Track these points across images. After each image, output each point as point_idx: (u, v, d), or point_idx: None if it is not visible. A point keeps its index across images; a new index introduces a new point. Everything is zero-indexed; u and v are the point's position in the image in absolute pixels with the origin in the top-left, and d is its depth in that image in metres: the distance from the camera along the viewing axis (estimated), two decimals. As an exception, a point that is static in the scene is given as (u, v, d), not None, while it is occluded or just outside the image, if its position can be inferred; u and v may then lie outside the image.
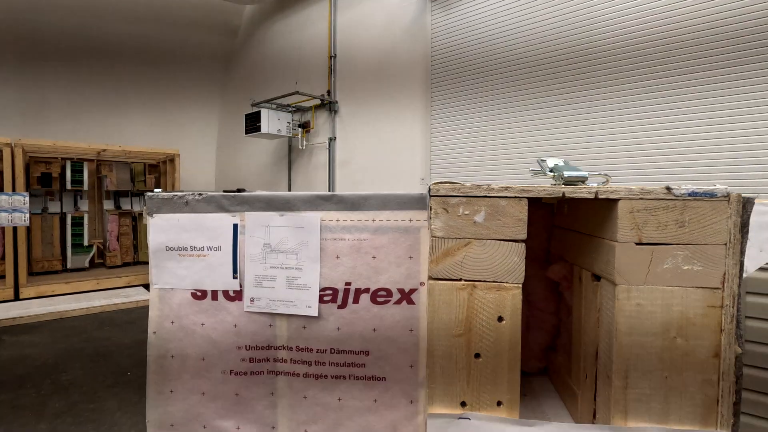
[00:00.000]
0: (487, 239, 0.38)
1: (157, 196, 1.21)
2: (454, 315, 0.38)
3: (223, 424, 1.22)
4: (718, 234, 0.35)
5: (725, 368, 0.36)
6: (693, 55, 3.46)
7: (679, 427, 0.38)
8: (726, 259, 0.35)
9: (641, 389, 0.37)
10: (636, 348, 0.37)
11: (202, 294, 1.20)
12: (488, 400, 0.39)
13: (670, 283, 0.36)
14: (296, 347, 1.18)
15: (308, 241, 1.15)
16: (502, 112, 4.64)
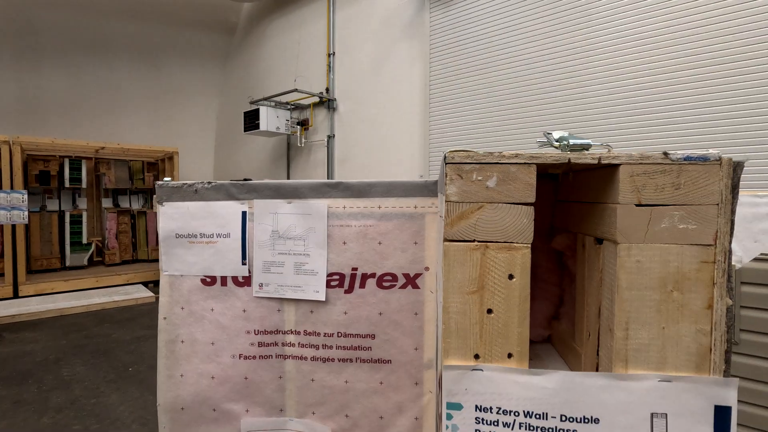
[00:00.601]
0: (498, 203, 0.41)
1: (167, 184, 1.24)
2: (468, 274, 0.41)
3: (232, 407, 1.24)
4: (710, 195, 0.39)
5: (717, 319, 0.39)
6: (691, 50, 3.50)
7: (675, 373, 0.41)
8: (718, 218, 0.39)
9: (640, 339, 0.41)
10: (636, 302, 0.40)
11: (212, 280, 1.23)
12: (499, 353, 0.42)
13: (667, 241, 0.39)
14: (304, 331, 1.21)
15: (315, 227, 1.18)
16: (501, 110, 4.68)
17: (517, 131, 4.53)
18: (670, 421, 0.43)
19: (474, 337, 0.43)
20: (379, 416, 1.20)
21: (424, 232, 1.14)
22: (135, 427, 2.98)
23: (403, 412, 1.19)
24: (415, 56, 5.36)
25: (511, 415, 0.45)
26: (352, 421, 1.21)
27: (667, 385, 0.43)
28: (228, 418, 1.25)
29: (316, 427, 1.22)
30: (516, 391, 0.44)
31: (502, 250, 0.42)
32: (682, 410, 0.43)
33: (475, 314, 0.43)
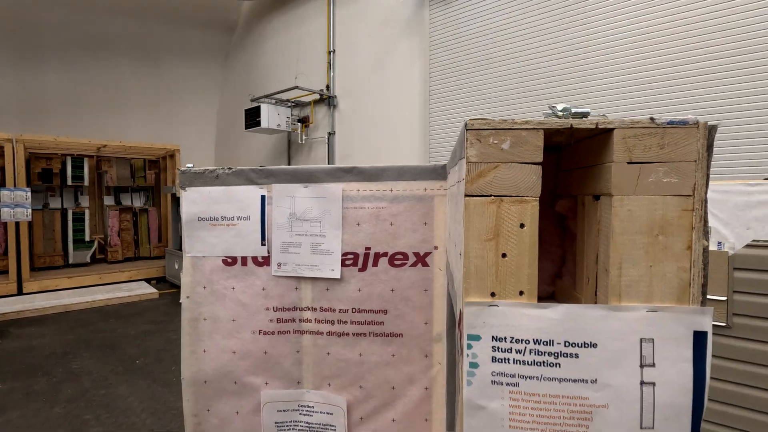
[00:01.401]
0: (511, 162, 0.48)
1: (190, 170, 1.31)
2: (485, 224, 0.48)
3: (252, 380, 1.32)
4: (689, 153, 0.46)
5: (695, 258, 0.47)
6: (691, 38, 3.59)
7: (660, 304, 0.48)
8: (696, 172, 0.46)
9: (631, 276, 0.48)
10: (627, 245, 0.48)
11: (233, 260, 1.30)
12: (512, 291, 0.50)
13: (654, 193, 0.47)
14: (320, 308, 1.29)
15: (331, 209, 1.25)
16: (501, 105, 4.75)
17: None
18: (656, 344, 0.51)
19: (490, 277, 0.51)
20: (391, 387, 1.28)
21: (433, 213, 1.22)
22: (144, 416, 3.05)
23: (414, 382, 1.27)
24: (415, 53, 5.43)
25: (522, 343, 0.52)
26: (366, 392, 1.29)
27: (654, 315, 0.51)
28: (248, 391, 1.32)
29: (332, 398, 1.30)
30: (526, 323, 0.52)
31: (515, 203, 0.49)
32: (666, 335, 0.51)
33: (491, 258, 0.50)
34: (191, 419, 1.35)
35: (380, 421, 1.29)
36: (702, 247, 0.47)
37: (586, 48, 4.10)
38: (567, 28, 4.22)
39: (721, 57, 3.41)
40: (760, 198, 2.13)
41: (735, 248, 2.21)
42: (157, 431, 2.85)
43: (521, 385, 0.51)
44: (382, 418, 1.28)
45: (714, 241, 2.32)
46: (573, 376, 0.50)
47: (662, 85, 3.72)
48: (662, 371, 0.49)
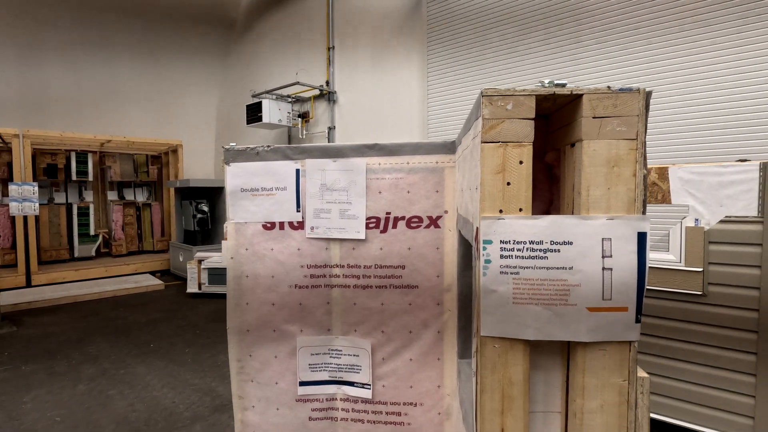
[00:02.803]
0: (513, 118, 0.69)
1: (233, 148, 1.52)
2: (495, 162, 0.69)
3: (289, 327, 1.54)
4: (634, 110, 0.67)
5: (638, 181, 0.68)
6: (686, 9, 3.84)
7: (615, 214, 0.70)
8: (638, 123, 0.67)
9: (595, 196, 0.69)
10: (593, 174, 0.69)
11: (271, 225, 1.52)
12: (514, 208, 0.71)
13: (610, 137, 0.68)
14: (347, 265, 1.51)
15: (356, 180, 1.47)
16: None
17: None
18: (613, 242, 0.73)
19: (499, 199, 0.72)
20: (408, 331, 1.50)
21: (444, 182, 1.45)
22: (165, 390, 3.25)
23: (428, 327, 1.50)
24: (414, 48, 5.65)
25: (521, 243, 0.75)
26: (387, 336, 1.51)
27: (611, 222, 0.73)
28: (285, 337, 1.54)
29: (358, 342, 1.52)
30: (523, 230, 0.74)
31: (516, 146, 0.71)
32: (619, 235, 0.73)
33: (499, 186, 0.72)
34: (235, 363, 1.56)
35: (399, 361, 1.51)
36: (643, 174, 0.70)
37: (580, 44, 4.35)
38: (562, 24, 4.46)
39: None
40: (732, 178, 2.37)
41: (710, 224, 2.44)
42: (179, 403, 3.06)
43: (521, 273, 0.73)
44: (401, 358, 1.51)
45: (691, 218, 2.56)
46: (556, 265, 0.72)
47: (643, 65, 3.97)
48: (617, 260, 0.71)
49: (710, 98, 3.63)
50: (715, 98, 3.61)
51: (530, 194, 0.73)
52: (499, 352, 0.76)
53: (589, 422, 0.75)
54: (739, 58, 3.51)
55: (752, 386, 2.30)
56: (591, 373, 0.74)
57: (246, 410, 1.57)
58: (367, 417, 1.53)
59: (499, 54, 4.89)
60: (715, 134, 3.63)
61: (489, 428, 0.77)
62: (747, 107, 3.49)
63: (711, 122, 3.63)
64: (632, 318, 0.72)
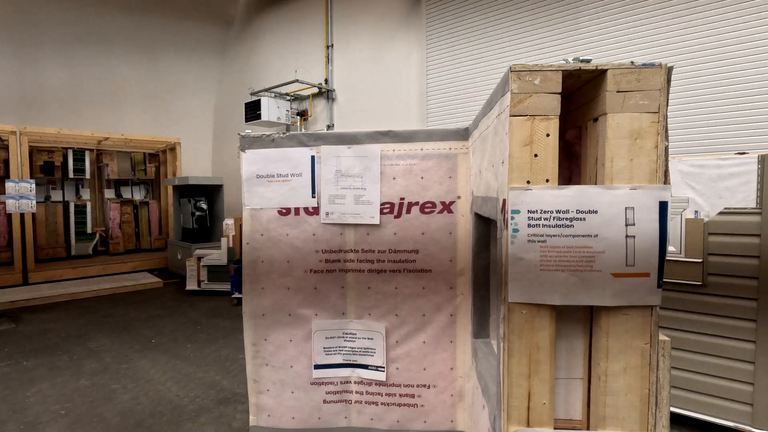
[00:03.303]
0: (540, 93, 0.72)
1: (249, 135, 1.54)
2: (523, 134, 0.72)
3: (304, 311, 1.56)
4: (656, 84, 0.70)
5: (660, 153, 0.72)
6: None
7: (638, 184, 0.74)
8: (660, 97, 0.70)
9: (619, 167, 0.73)
10: (616, 146, 0.73)
11: (287, 211, 1.54)
12: (541, 179, 0.74)
13: (633, 111, 0.71)
14: (362, 249, 1.53)
15: (371, 166, 1.50)
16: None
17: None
18: (636, 211, 0.77)
19: (526, 170, 0.76)
20: (422, 314, 1.53)
21: (457, 168, 1.48)
22: (169, 384, 3.25)
23: (441, 310, 1.53)
24: (413, 47, 5.69)
25: (548, 213, 0.78)
26: (401, 319, 1.54)
27: (634, 191, 0.77)
28: (300, 321, 1.56)
29: (372, 325, 1.55)
30: (550, 199, 0.78)
31: (543, 120, 0.75)
32: (641, 204, 0.77)
33: (527, 158, 0.76)
34: (251, 348, 1.59)
35: (413, 344, 1.54)
36: (664, 146, 0.74)
37: (578, 40, 4.41)
38: (562, 20, 4.52)
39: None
40: (731, 170, 2.42)
41: (709, 216, 2.49)
42: (183, 396, 3.06)
43: (548, 241, 0.77)
44: (415, 341, 1.54)
45: (691, 210, 2.62)
46: (582, 232, 0.76)
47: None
48: (639, 228, 0.75)
49: (710, 94, 3.70)
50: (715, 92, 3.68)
51: (557, 165, 0.76)
52: (527, 317, 0.79)
53: (612, 384, 0.78)
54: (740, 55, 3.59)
55: (751, 374, 2.36)
56: (614, 336, 0.77)
57: (261, 394, 1.59)
58: (380, 399, 1.55)
59: (502, 52, 4.94)
60: (716, 127, 3.71)
61: (516, 392, 0.80)
62: (746, 102, 3.57)
63: (711, 115, 3.70)
64: (654, 283, 0.76)
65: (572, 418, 0.87)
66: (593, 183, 0.79)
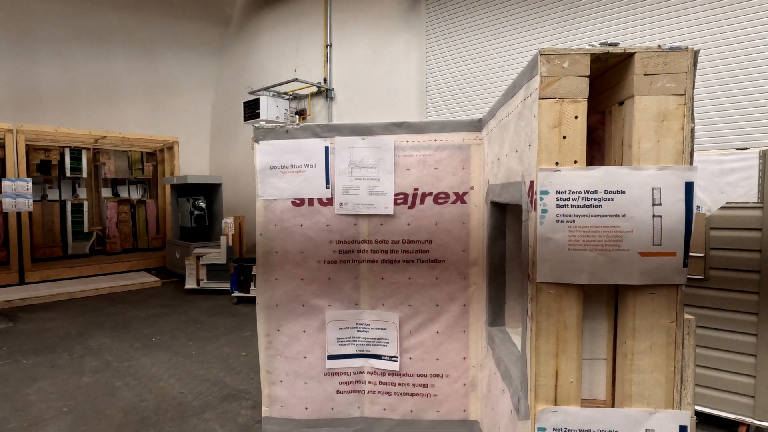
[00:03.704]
0: (569, 75, 0.73)
1: (263, 126, 1.55)
2: (552, 117, 0.73)
3: (317, 302, 1.57)
4: (683, 67, 0.72)
5: (686, 134, 0.74)
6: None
7: (665, 165, 0.76)
8: (686, 80, 0.72)
9: (646, 148, 0.75)
10: (643, 128, 0.74)
11: (301, 202, 1.55)
12: (570, 160, 0.75)
13: (660, 93, 0.73)
14: (375, 240, 1.54)
15: (384, 157, 1.51)
16: (496, 96, 5.06)
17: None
18: (663, 191, 0.78)
19: (555, 152, 0.77)
20: (435, 304, 1.54)
21: (470, 159, 1.49)
22: (172, 382, 3.24)
23: (454, 300, 1.54)
24: (412, 46, 5.71)
25: (576, 193, 0.79)
26: (414, 309, 1.55)
27: (661, 172, 0.78)
28: (314, 312, 1.57)
29: (386, 315, 1.56)
30: (579, 180, 0.79)
31: (572, 102, 0.76)
32: (668, 184, 0.78)
33: (555, 139, 0.77)
34: (264, 339, 1.59)
35: (426, 334, 1.55)
36: (690, 127, 0.75)
37: (577, 35, 4.45)
38: (561, 18, 4.56)
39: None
40: (732, 166, 2.45)
41: (711, 210, 2.51)
42: (187, 393, 3.05)
43: (576, 221, 0.78)
44: (428, 331, 1.55)
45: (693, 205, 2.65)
46: (610, 212, 0.77)
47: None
48: (666, 208, 0.76)
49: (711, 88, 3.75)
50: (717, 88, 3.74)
51: (585, 147, 0.77)
52: (554, 297, 0.80)
53: (638, 362, 0.80)
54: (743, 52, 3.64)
55: (753, 367, 2.39)
56: (641, 315, 0.79)
57: (273, 384, 1.59)
58: (394, 389, 1.56)
59: (502, 50, 4.98)
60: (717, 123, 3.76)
61: (543, 371, 0.82)
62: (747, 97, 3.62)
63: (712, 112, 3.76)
64: (680, 262, 0.78)
65: (596, 398, 0.88)
66: (618, 165, 0.81)
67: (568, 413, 0.81)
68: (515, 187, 0.95)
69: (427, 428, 1.56)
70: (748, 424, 2.41)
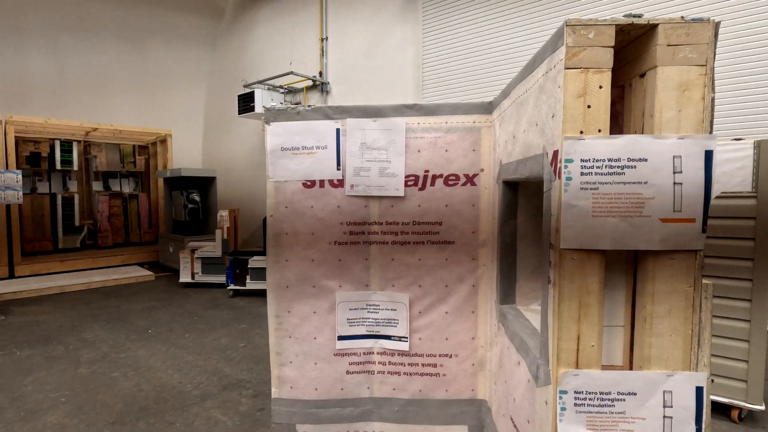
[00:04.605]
0: (594, 46, 0.75)
1: (274, 108, 1.55)
2: (577, 86, 0.75)
3: (328, 283, 1.57)
4: (704, 38, 0.74)
5: (706, 104, 0.76)
6: None
7: (685, 134, 0.78)
8: (708, 50, 0.74)
9: (667, 117, 0.77)
10: (666, 98, 0.77)
11: (312, 183, 1.55)
12: (593, 129, 0.77)
13: (682, 63, 0.76)
14: (386, 222, 1.56)
15: (396, 139, 1.52)
16: (495, 93, 5.09)
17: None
18: (683, 159, 0.81)
19: (579, 121, 0.79)
20: (444, 285, 1.56)
21: (480, 141, 1.51)
22: (171, 372, 3.22)
23: (463, 281, 1.56)
24: (408, 40, 5.71)
25: (600, 161, 0.82)
26: (424, 290, 1.57)
27: (681, 141, 0.81)
28: (324, 293, 1.58)
29: (396, 296, 1.57)
30: (603, 148, 0.81)
31: (596, 72, 0.78)
32: (689, 153, 0.81)
33: (580, 109, 0.79)
34: (274, 320, 1.59)
35: (435, 314, 1.57)
36: (711, 98, 0.78)
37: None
38: (559, 13, 4.60)
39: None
40: (727, 156, 2.51)
41: (706, 200, 2.56)
42: (186, 383, 3.04)
43: (600, 188, 0.80)
44: (437, 311, 1.57)
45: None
46: (632, 180, 0.79)
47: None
48: (686, 175, 0.79)
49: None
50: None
51: (608, 116, 0.80)
52: (577, 263, 0.82)
53: (657, 326, 0.82)
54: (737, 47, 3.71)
55: (745, 352, 2.45)
56: (660, 280, 0.81)
57: (283, 366, 1.60)
58: (403, 369, 1.58)
59: (499, 45, 5.01)
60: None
61: (566, 336, 0.84)
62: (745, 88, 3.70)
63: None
64: (699, 228, 0.80)
65: (614, 364, 0.91)
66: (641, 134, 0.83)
67: (589, 376, 0.83)
68: (534, 161, 0.97)
69: (435, 407, 1.58)
70: (740, 407, 2.48)
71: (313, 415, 1.59)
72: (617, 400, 0.83)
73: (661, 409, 0.82)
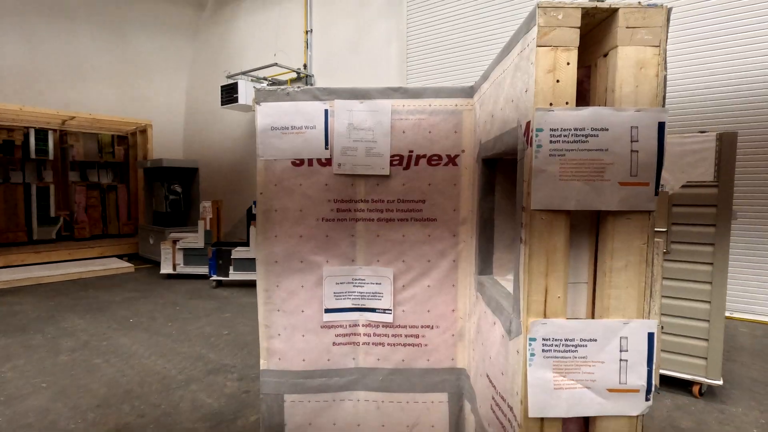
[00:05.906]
0: (563, 26, 0.85)
1: (265, 88, 1.60)
2: (548, 63, 0.83)
3: (315, 258, 1.64)
4: (658, 21, 0.85)
5: (659, 81, 0.86)
6: None
7: (641, 107, 0.88)
8: (661, 33, 0.84)
9: (626, 92, 0.87)
10: (625, 74, 0.86)
11: (300, 162, 1.62)
12: (561, 102, 0.86)
13: (639, 44, 0.85)
14: (371, 199, 1.63)
15: (382, 121, 1.60)
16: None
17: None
18: (639, 130, 0.91)
19: (549, 95, 0.88)
20: (427, 260, 1.65)
21: (462, 124, 1.60)
22: (154, 358, 3.23)
23: (445, 256, 1.65)
24: (393, 35, 5.79)
25: (567, 131, 0.91)
26: (408, 265, 1.65)
27: (638, 114, 0.91)
28: (312, 267, 1.64)
29: (381, 271, 1.65)
30: (569, 119, 0.91)
31: (564, 50, 0.87)
32: (644, 124, 0.91)
33: (550, 83, 0.88)
34: (263, 294, 1.65)
35: (418, 287, 1.65)
36: (663, 75, 0.88)
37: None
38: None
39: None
40: (692, 147, 2.68)
41: (674, 189, 2.73)
42: (170, 368, 3.05)
43: (566, 155, 0.90)
44: (420, 285, 1.65)
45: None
46: (595, 147, 0.89)
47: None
48: (642, 144, 0.89)
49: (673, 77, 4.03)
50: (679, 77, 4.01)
51: (575, 90, 0.89)
52: (545, 223, 0.92)
53: (616, 278, 0.92)
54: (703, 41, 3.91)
55: (706, 331, 2.62)
56: (618, 238, 0.91)
57: (272, 338, 1.66)
58: (387, 340, 1.66)
59: (482, 40, 5.13)
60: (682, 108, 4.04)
61: (535, 289, 0.93)
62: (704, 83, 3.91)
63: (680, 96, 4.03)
64: (652, 191, 0.91)
65: (578, 317, 1.00)
66: (602, 107, 0.93)
67: (556, 324, 0.93)
68: (510, 134, 1.06)
69: (417, 376, 1.67)
70: (701, 383, 2.66)
71: (301, 385, 1.66)
72: (580, 346, 0.93)
73: (618, 353, 0.92)
